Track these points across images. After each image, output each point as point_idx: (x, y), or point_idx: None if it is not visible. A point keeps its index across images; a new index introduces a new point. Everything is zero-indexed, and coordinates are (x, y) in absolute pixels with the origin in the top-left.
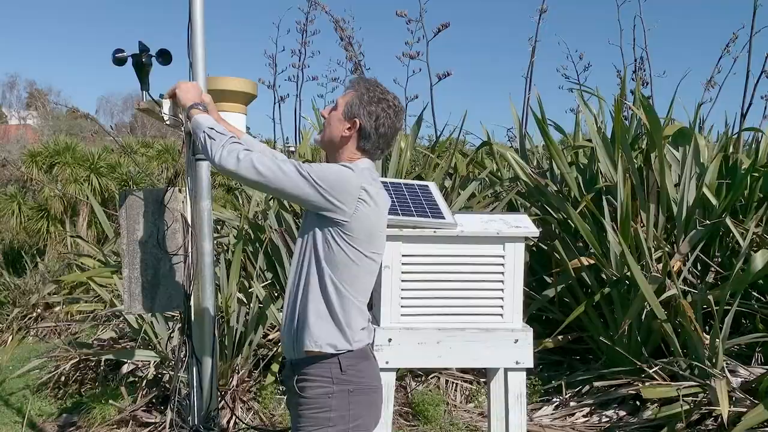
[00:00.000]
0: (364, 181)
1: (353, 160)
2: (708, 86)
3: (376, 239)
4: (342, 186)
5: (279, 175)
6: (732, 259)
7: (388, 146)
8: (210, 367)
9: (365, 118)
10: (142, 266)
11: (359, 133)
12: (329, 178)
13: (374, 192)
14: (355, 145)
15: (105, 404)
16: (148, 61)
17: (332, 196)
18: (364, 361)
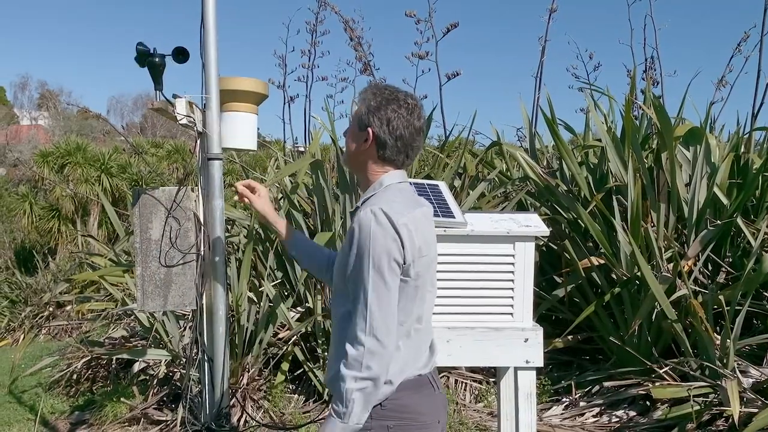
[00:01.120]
0: (397, 223)
1: (378, 175)
2: (719, 85)
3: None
4: (380, 258)
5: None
6: (743, 259)
7: (412, 148)
8: (221, 365)
9: (376, 124)
10: (155, 264)
11: (375, 142)
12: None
13: (410, 226)
14: (376, 156)
15: (116, 402)
16: (161, 61)
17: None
18: (411, 394)
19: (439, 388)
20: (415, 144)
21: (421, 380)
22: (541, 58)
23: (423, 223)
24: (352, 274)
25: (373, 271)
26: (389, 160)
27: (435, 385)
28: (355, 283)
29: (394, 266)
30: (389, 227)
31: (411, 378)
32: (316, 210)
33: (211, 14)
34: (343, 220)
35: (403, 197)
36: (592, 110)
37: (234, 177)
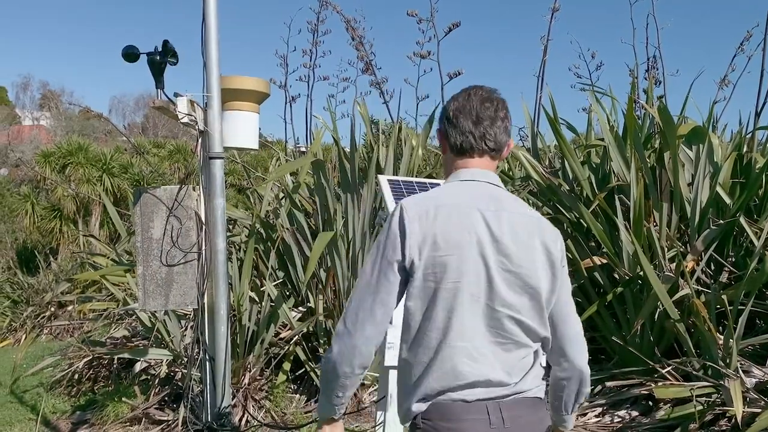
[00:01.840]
0: (407, 214)
1: (456, 169)
2: (722, 85)
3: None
4: (376, 250)
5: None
6: (746, 258)
7: (473, 126)
8: (223, 364)
9: (441, 121)
10: (156, 264)
11: (443, 137)
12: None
13: (424, 219)
14: (447, 150)
15: (118, 402)
16: (162, 59)
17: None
18: (444, 421)
19: (492, 423)
20: (479, 122)
21: (459, 408)
22: (544, 57)
23: (454, 220)
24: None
25: (368, 261)
26: (458, 149)
27: (485, 417)
28: None
29: (386, 262)
30: (397, 219)
31: (446, 402)
32: (317, 209)
33: (212, 13)
34: (344, 219)
35: (453, 191)
36: (594, 110)
37: (236, 177)
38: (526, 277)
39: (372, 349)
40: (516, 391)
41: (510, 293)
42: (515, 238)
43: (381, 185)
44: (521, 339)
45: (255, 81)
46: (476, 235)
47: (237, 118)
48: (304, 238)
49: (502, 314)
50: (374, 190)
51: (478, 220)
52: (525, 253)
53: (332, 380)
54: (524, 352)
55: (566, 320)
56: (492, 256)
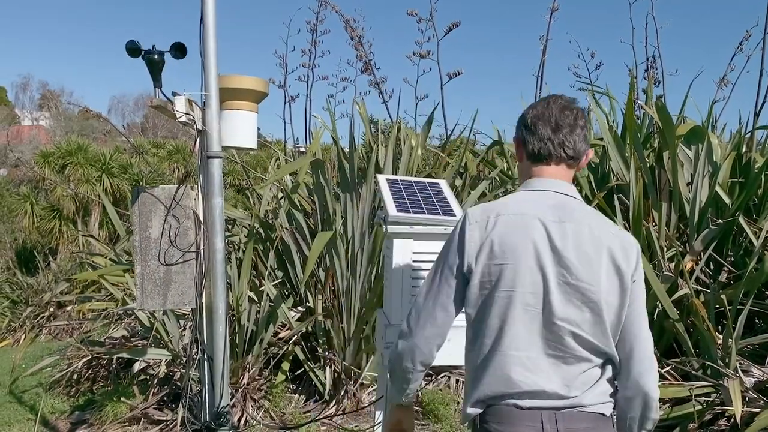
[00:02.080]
0: (469, 219)
1: (530, 177)
2: (721, 84)
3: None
4: (440, 254)
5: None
6: (745, 258)
7: (552, 133)
8: (221, 364)
9: (518, 129)
10: (155, 263)
11: (520, 145)
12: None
13: (483, 224)
14: (524, 158)
15: (117, 402)
16: (160, 58)
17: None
18: (497, 425)
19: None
20: (557, 130)
21: (513, 413)
22: (543, 57)
23: (512, 228)
24: None
25: (433, 265)
26: (534, 156)
27: (538, 425)
28: None
29: (447, 267)
30: (460, 226)
31: (500, 407)
32: (316, 209)
33: (210, 12)
34: (343, 219)
35: (520, 199)
36: (593, 109)
37: (235, 177)
38: (587, 291)
39: (433, 348)
40: (575, 404)
41: (569, 306)
42: (579, 250)
43: (379, 184)
44: (581, 353)
45: (253, 80)
46: (534, 244)
47: (235, 117)
48: (303, 238)
49: (561, 328)
50: (373, 189)
51: (539, 230)
52: (588, 267)
53: (397, 374)
54: (586, 366)
55: (635, 337)
56: (551, 267)
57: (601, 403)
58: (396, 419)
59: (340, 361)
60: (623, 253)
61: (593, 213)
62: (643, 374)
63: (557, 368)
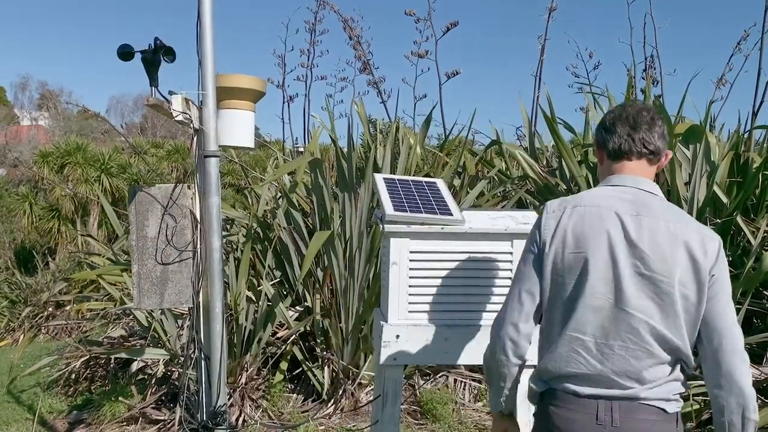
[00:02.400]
0: (546, 209)
1: (611, 174)
2: (719, 84)
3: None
4: (525, 246)
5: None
6: (743, 257)
7: (631, 130)
8: (218, 363)
9: (597, 133)
10: (151, 262)
11: (600, 147)
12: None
13: (560, 214)
14: (605, 159)
15: (114, 401)
16: (157, 57)
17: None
18: (555, 407)
19: (599, 420)
20: (634, 129)
21: (570, 399)
22: (541, 57)
23: (587, 220)
24: None
25: (521, 256)
26: (614, 154)
27: (593, 413)
28: None
29: (529, 255)
30: (538, 217)
31: (559, 390)
32: (314, 209)
33: (207, 11)
34: (341, 218)
35: (598, 194)
36: (591, 109)
37: (235, 177)
38: (660, 282)
39: (522, 337)
40: (635, 396)
41: (642, 297)
42: (654, 243)
43: (377, 183)
44: (651, 346)
45: (251, 79)
46: (608, 236)
47: (233, 116)
48: (302, 238)
49: (633, 317)
50: (371, 189)
51: (614, 223)
52: (662, 259)
53: (492, 370)
54: (653, 361)
55: (722, 330)
56: (624, 259)
57: (664, 400)
58: (501, 430)
59: (338, 360)
60: (702, 248)
61: (673, 209)
62: (736, 369)
63: (622, 357)
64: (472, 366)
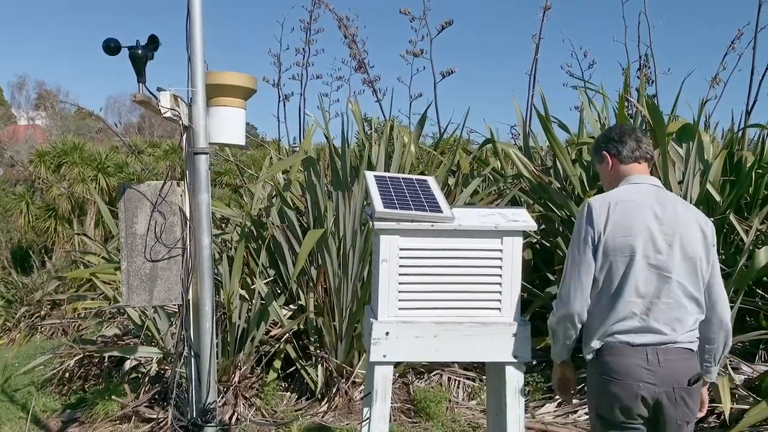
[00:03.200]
0: (593, 204)
1: (626, 174)
2: (713, 83)
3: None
4: (575, 235)
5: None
6: (736, 256)
7: (636, 142)
8: (208, 360)
9: (607, 144)
10: (141, 259)
11: (611, 155)
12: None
13: (605, 207)
14: (615, 164)
15: (108, 400)
16: (144, 53)
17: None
18: (612, 357)
19: (649, 362)
20: (636, 142)
21: (625, 348)
22: (536, 55)
23: (629, 211)
24: None
25: (571, 246)
26: (623, 160)
27: (644, 357)
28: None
29: (585, 242)
30: (587, 211)
31: (615, 342)
32: (308, 207)
33: (197, 6)
34: (335, 216)
35: (629, 190)
36: (585, 108)
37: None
38: (685, 248)
39: (584, 308)
40: (672, 341)
41: (675, 261)
42: (676, 218)
43: (367, 181)
44: (682, 300)
45: (242, 77)
46: (646, 222)
47: (223, 114)
48: (295, 236)
49: (670, 280)
50: (365, 187)
51: (649, 213)
52: (685, 229)
53: (559, 336)
54: (683, 312)
55: (718, 292)
56: (659, 237)
57: (690, 342)
58: (562, 372)
59: (332, 359)
60: (705, 222)
61: (677, 196)
62: (725, 312)
63: (664, 312)
64: (462, 363)
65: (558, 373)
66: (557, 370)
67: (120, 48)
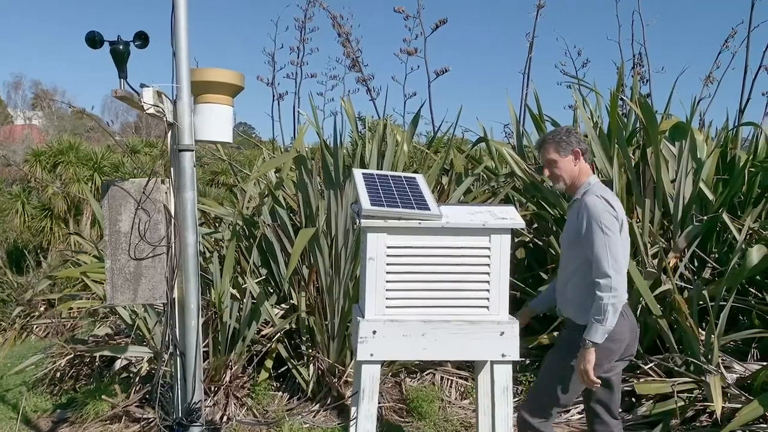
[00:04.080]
0: (611, 201)
1: (591, 173)
2: (707, 82)
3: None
4: (609, 222)
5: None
6: (729, 254)
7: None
8: (193, 359)
9: (580, 144)
10: (125, 257)
11: (582, 153)
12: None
13: (614, 203)
14: (583, 162)
15: (98, 400)
16: (125, 48)
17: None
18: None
19: (628, 316)
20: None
21: (628, 309)
22: (529, 54)
23: (617, 200)
24: (588, 235)
25: (603, 230)
26: (587, 161)
27: (626, 312)
28: (592, 241)
29: (615, 224)
30: (606, 202)
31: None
32: (300, 206)
33: (182, 1)
34: (326, 215)
35: (600, 184)
36: (579, 107)
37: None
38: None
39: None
40: None
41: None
42: (621, 208)
43: (355, 178)
44: None
45: (228, 73)
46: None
47: (209, 111)
48: (287, 235)
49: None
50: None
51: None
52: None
53: (617, 307)
54: None
55: None
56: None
57: None
58: (593, 357)
59: (324, 358)
60: None
61: None
62: None
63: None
64: (454, 362)
65: (592, 356)
66: (592, 354)
67: (103, 41)
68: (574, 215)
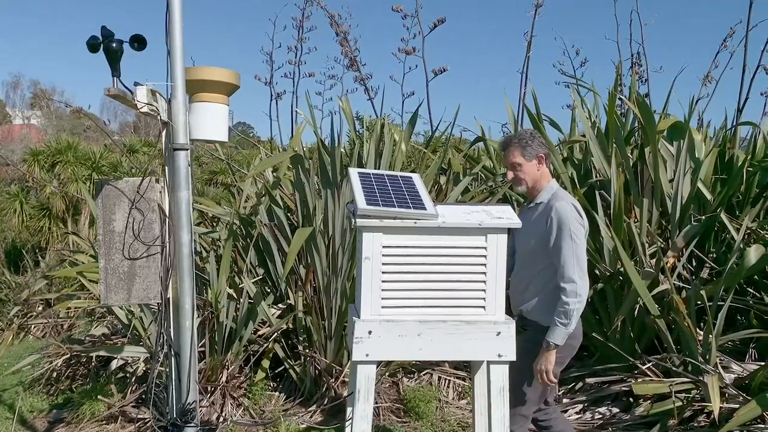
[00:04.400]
0: (578, 208)
1: (549, 180)
2: (705, 81)
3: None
4: (576, 229)
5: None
6: (726, 254)
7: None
8: (188, 359)
9: (544, 148)
10: (119, 257)
11: (547, 158)
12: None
13: (580, 209)
14: (546, 166)
15: (94, 400)
16: (118, 47)
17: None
18: None
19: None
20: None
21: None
22: (527, 53)
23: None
24: (557, 241)
25: (571, 236)
26: (550, 167)
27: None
28: (560, 247)
29: (581, 234)
30: (576, 210)
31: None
32: (297, 205)
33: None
34: (323, 215)
35: (567, 192)
36: (577, 106)
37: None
38: None
39: None
40: None
41: None
42: None
43: (351, 178)
44: None
45: (223, 72)
46: None
47: (204, 109)
48: (284, 235)
49: None
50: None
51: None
52: None
53: (580, 312)
54: None
55: None
56: None
57: None
58: (554, 358)
59: (321, 358)
60: None
61: None
62: None
63: None
64: (452, 363)
65: (553, 358)
66: (553, 355)
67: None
68: (542, 219)
